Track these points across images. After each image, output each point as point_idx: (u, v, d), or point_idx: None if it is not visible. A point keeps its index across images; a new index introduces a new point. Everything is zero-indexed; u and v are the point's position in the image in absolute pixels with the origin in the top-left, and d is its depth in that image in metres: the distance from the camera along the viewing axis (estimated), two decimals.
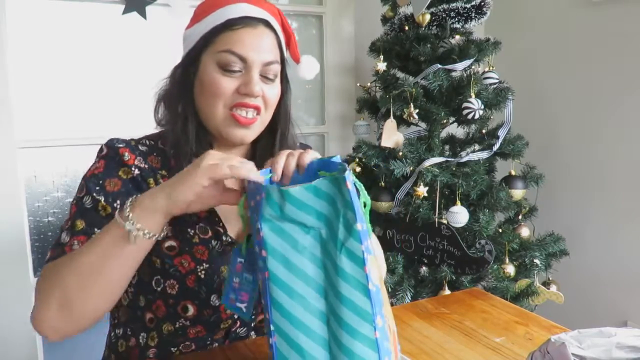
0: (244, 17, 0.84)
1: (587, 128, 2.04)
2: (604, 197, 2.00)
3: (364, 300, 0.58)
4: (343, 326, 0.58)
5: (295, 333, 0.59)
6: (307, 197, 0.60)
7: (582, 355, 0.59)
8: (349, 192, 0.58)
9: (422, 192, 1.66)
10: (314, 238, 0.61)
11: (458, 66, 1.72)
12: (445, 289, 1.68)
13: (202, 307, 0.88)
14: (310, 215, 0.60)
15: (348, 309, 0.58)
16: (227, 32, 0.84)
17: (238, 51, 0.83)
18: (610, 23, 1.92)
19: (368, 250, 0.60)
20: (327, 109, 2.26)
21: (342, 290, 0.58)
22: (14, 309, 1.75)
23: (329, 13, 2.20)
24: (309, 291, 0.60)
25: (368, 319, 0.58)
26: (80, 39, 1.79)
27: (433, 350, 0.89)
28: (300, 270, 0.60)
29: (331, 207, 0.60)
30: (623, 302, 1.96)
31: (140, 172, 0.86)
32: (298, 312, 0.59)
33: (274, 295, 0.60)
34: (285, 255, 0.60)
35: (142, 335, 0.91)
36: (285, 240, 0.61)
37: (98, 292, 0.72)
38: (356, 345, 0.57)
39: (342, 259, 0.58)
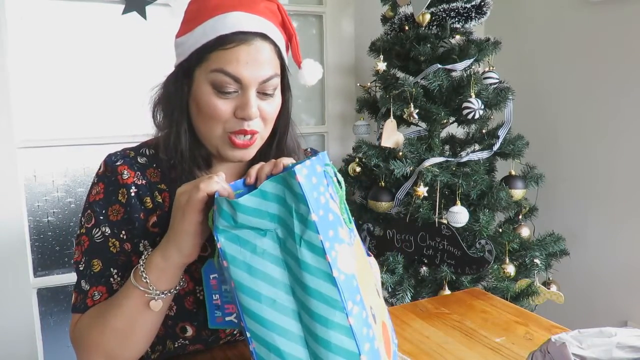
0: (236, 32, 0.77)
1: (587, 128, 2.04)
2: (604, 197, 2.00)
3: (330, 288, 0.58)
4: (315, 318, 0.58)
5: (271, 336, 0.59)
6: (257, 203, 0.60)
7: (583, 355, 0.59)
8: (299, 185, 0.58)
9: (422, 192, 1.66)
10: (272, 239, 0.61)
11: (458, 66, 1.72)
12: (445, 289, 1.68)
13: (201, 329, 0.86)
14: (263, 219, 0.60)
15: (316, 299, 0.58)
16: (219, 50, 0.77)
17: (232, 72, 0.77)
18: (610, 23, 1.92)
19: (335, 239, 0.60)
20: (327, 109, 2.26)
21: (307, 283, 0.58)
22: (14, 309, 1.75)
23: (329, 13, 2.20)
24: (277, 292, 0.60)
25: (338, 307, 0.58)
26: (80, 39, 1.79)
27: (433, 350, 0.89)
28: (264, 273, 0.60)
29: (281, 206, 0.60)
30: (623, 302, 1.96)
31: (138, 191, 0.83)
32: (269, 315, 0.60)
33: (243, 302, 0.60)
34: (246, 261, 0.61)
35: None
36: (243, 247, 0.61)
37: (136, 345, 0.77)
38: (331, 334, 0.58)
39: (303, 252, 0.58)
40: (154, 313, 0.74)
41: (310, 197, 0.58)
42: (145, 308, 0.73)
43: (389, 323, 0.72)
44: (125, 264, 0.81)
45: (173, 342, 0.88)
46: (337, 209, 0.64)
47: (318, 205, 0.59)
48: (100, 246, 0.81)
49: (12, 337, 1.76)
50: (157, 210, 0.84)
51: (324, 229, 0.59)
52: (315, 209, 0.58)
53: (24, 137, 1.74)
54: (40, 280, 1.80)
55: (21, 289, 1.76)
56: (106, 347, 0.75)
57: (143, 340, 0.77)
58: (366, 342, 0.60)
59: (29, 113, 1.75)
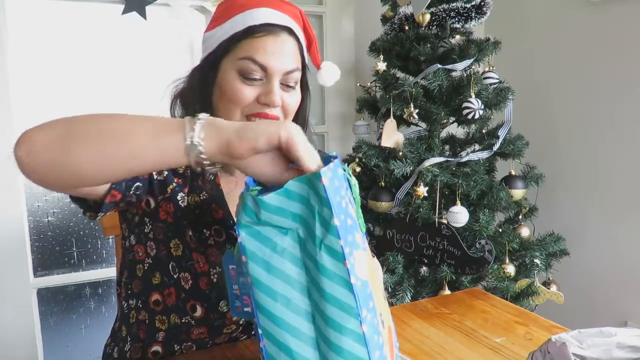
0: (265, 24, 0.82)
1: (587, 128, 2.04)
2: (604, 197, 2.00)
3: (347, 294, 0.57)
4: (329, 323, 0.58)
5: (283, 335, 0.59)
6: (281, 201, 0.60)
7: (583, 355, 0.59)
8: (324, 188, 0.57)
9: (422, 192, 1.66)
10: (292, 239, 0.61)
11: (458, 66, 1.72)
12: (445, 289, 1.68)
13: (210, 310, 0.89)
14: (286, 218, 0.60)
15: (332, 305, 0.57)
16: (248, 40, 0.82)
17: (259, 59, 0.81)
18: (610, 23, 1.92)
19: (353, 244, 0.59)
20: (327, 109, 2.26)
21: (324, 287, 0.58)
22: (14, 309, 1.75)
23: (329, 13, 2.20)
24: (293, 292, 0.60)
25: (353, 314, 0.57)
26: (80, 39, 1.79)
27: (433, 350, 0.89)
28: (282, 272, 0.60)
29: (305, 206, 0.60)
30: (623, 302, 1.96)
31: (165, 178, 0.87)
32: (283, 314, 0.59)
33: (258, 299, 0.60)
34: (265, 258, 0.60)
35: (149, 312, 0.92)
36: (263, 244, 0.61)
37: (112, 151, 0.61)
38: (344, 340, 0.57)
39: (322, 256, 0.58)
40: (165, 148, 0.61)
41: (334, 201, 0.58)
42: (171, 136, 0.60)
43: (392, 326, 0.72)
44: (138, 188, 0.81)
45: (179, 317, 0.89)
46: (355, 213, 0.64)
47: (340, 210, 0.59)
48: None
49: (12, 337, 1.76)
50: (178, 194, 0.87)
51: (344, 234, 0.58)
52: (337, 213, 0.58)
53: None
54: (40, 280, 1.80)
55: (21, 289, 1.76)
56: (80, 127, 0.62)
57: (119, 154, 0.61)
58: (376, 349, 0.59)
59: (29, 113, 1.75)
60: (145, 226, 0.89)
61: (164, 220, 0.87)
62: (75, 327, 1.93)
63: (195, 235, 0.87)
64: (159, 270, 0.90)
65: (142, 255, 0.90)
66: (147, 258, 0.90)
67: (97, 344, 1.00)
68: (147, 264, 0.90)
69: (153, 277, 0.90)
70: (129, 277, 0.94)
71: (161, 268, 0.89)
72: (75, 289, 1.92)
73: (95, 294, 1.95)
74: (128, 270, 0.94)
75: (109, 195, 0.76)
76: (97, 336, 1.93)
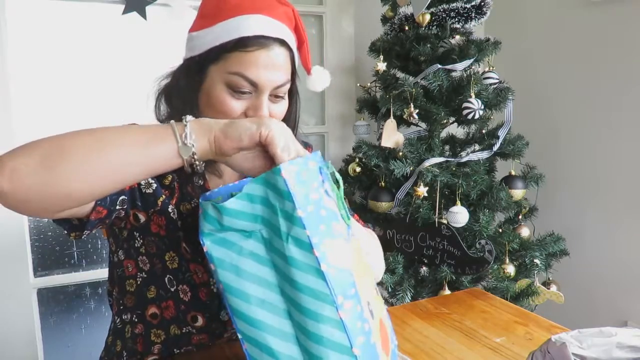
0: (258, 36, 0.78)
1: (587, 128, 2.04)
2: (604, 197, 2.00)
3: (318, 282, 0.58)
4: (305, 313, 0.58)
5: (262, 335, 0.60)
6: (242, 205, 0.60)
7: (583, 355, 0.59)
8: (284, 181, 0.58)
9: (422, 192, 1.66)
10: (256, 240, 0.61)
11: (458, 66, 1.72)
12: (445, 289, 1.68)
13: (211, 320, 0.88)
14: (248, 221, 0.61)
15: (306, 294, 0.58)
16: (239, 53, 0.78)
17: (250, 76, 0.78)
18: (610, 23, 1.92)
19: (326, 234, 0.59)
20: (327, 109, 2.26)
21: (296, 278, 0.58)
22: (14, 309, 1.75)
23: (329, 13, 2.20)
24: (265, 292, 0.60)
25: (328, 300, 0.58)
26: (81, 39, 1.79)
27: (433, 350, 0.89)
28: (251, 274, 0.61)
29: (265, 207, 0.60)
30: (623, 302, 1.96)
31: (155, 190, 0.85)
32: (259, 315, 0.60)
33: (232, 304, 0.61)
34: (233, 263, 0.61)
35: (145, 326, 0.91)
36: (229, 249, 0.61)
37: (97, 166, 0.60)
38: (322, 328, 0.58)
39: (290, 248, 0.58)
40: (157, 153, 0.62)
41: (297, 193, 0.58)
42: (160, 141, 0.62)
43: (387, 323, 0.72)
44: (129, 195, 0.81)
45: (180, 328, 0.89)
46: (334, 205, 0.64)
47: (307, 201, 0.59)
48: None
49: (12, 337, 1.76)
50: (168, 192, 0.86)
51: (313, 224, 0.58)
52: (302, 205, 0.58)
53: (24, 137, 1.74)
54: (40, 280, 1.80)
55: (21, 289, 1.76)
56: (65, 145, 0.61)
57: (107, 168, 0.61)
58: (360, 335, 0.60)
59: (29, 113, 1.75)
60: (135, 241, 0.87)
61: (156, 233, 0.85)
62: (75, 327, 1.93)
63: (190, 246, 0.86)
64: (154, 284, 0.88)
65: (133, 271, 0.89)
66: (140, 273, 0.88)
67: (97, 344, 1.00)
68: (140, 278, 0.89)
69: (148, 292, 0.89)
70: (120, 292, 0.92)
71: (156, 282, 0.88)
72: (75, 289, 1.92)
73: (95, 294, 1.95)
74: (118, 285, 0.92)
75: (94, 212, 0.73)
76: (97, 336, 1.93)
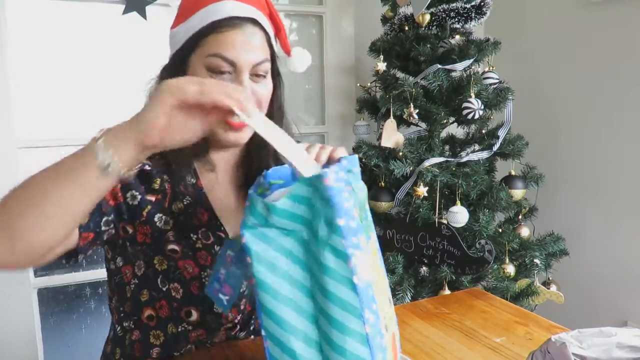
0: (229, 17, 0.81)
1: (587, 128, 2.04)
2: (604, 197, 2.00)
3: (350, 294, 0.57)
4: (332, 323, 0.58)
5: (286, 336, 0.59)
6: (290, 205, 0.60)
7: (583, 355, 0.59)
8: (328, 189, 0.57)
9: (422, 192, 1.66)
10: (296, 241, 0.61)
11: (458, 66, 1.72)
12: (445, 289, 1.68)
13: (206, 313, 0.89)
14: (293, 221, 0.60)
15: (335, 305, 0.57)
16: (213, 35, 0.81)
17: (227, 55, 0.80)
18: (610, 23, 1.92)
19: (357, 246, 0.59)
20: (327, 109, 2.26)
21: (328, 287, 0.58)
22: (14, 309, 1.75)
23: (329, 13, 2.20)
24: (296, 293, 0.60)
25: (356, 314, 0.57)
26: (81, 39, 1.79)
27: (433, 350, 0.89)
28: (286, 273, 0.60)
29: (309, 208, 0.60)
30: (623, 301, 1.96)
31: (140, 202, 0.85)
32: (287, 315, 0.59)
33: (262, 300, 0.60)
34: (270, 259, 0.60)
35: (143, 330, 0.91)
36: (269, 245, 0.61)
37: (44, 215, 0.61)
38: (347, 341, 0.57)
39: (326, 256, 0.58)
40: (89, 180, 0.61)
41: (338, 202, 0.58)
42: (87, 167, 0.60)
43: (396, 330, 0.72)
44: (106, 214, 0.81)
45: (176, 326, 0.89)
46: (358, 216, 0.64)
47: (344, 211, 0.59)
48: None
49: (12, 337, 1.76)
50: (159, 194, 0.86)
51: (348, 235, 0.58)
52: (342, 214, 0.58)
53: (24, 137, 1.74)
54: (40, 280, 1.81)
55: (21, 289, 1.76)
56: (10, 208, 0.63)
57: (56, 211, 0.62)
58: (379, 351, 0.59)
59: (29, 113, 1.75)
60: (128, 249, 0.88)
61: (142, 242, 0.86)
62: (75, 327, 1.93)
63: (182, 241, 0.86)
64: (147, 288, 0.89)
65: (129, 276, 0.90)
66: (134, 278, 0.89)
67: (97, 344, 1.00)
68: (133, 284, 0.90)
69: (141, 295, 0.90)
70: (119, 300, 0.93)
71: (148, 285, 0.89)
72: (75, 289, 1.92)
73: (95, 294, 1.95)
74: (117, 293, 0.93)
75: (80, 239, 0.75)
76: (97, 336, 1.93)
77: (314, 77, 2.25)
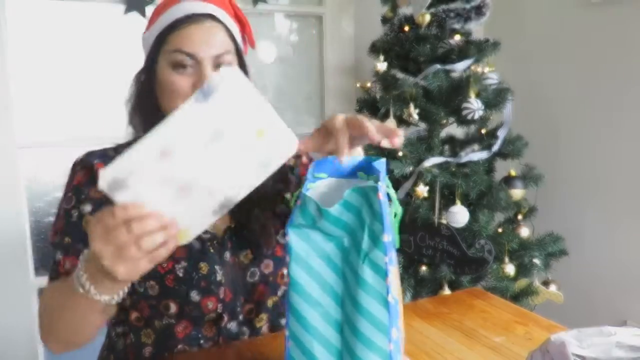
0: (189, 15, 0.85)
1: (587, 128, 2.04)
2: (604, 197, 2.00)
3: (382, 312, 0.57)
4: (358, 336, 0.57)
5: (309, 340, 0.59)
6: (340, 212, 0.59)
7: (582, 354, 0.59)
8: (380, 203, 0.56)
9: (421, 192, 1.66)
10: (336, 246, 0.60)
11: (458, 66, 1.72)
12: (445, 289, 1.68)
13: (184, 304, 0.89)
14: (338, 227, 0.60)
15: (365, 319, 0.57)
16: (174, 32, 0.85)
17: (186, 49, 0.84)
18: (610, 23, 1.92)
19: (391, 261, 0.59)
20: (327, 109, 2.26)
21: (360, 301, 0.57)
22: (15, 309, 1.75)
23: (328, 13, 2.20)
24: (326, 298, 0.59)
25: (384, 331, 0.57)
26: (81, 39, 1.80)
27: (433, 350, 0.89)
28: (321, 277, 0.60)
29: (357, 217, 0.59)
30: (622, 301, 1.96)
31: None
32: (314, 320, 0.59)
33: (292, 301, 0.60)
34: (308, 261, 0.60)
35: (134, 332, 0.92)
36: (309, 245, 0.60)
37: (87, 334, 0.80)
38: (370, 356, 0.57)
39: (365, 270, 0.57)
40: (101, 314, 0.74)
41: (386, 217, 0.57)
42: (92, 312, 0.73)
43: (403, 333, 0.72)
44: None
45: (160, 321, 0.90)
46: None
47: (389, 226, 0.58)
48: (75, 225, 0.87)
49: (12, 337, 1.76)
50: None
51: (389, 251, 0.57)
52: (388, 229, 0.57)
53: (24, 137, 1.74)
54: (40, 280, 1.80)
55: (21, 289, 1.76)
56: (58, 336, 0.81)
57: (94, 330, 0.79)
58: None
59: (29, 113, 1.75)
60: None
61: None
62: None
63: None
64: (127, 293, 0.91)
65: None
66: None
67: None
68: None
69: (123, 301, 0.89)
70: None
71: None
72: None
73: None
74: None
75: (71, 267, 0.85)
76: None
77: (314, 77, 2.25)
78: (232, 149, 0.62)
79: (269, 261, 0.92)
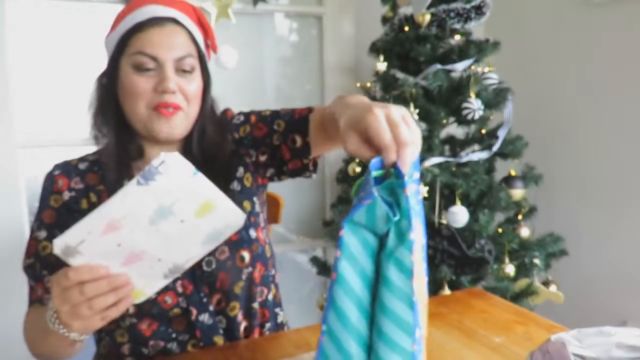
0: (151, 18, 0.87)
1: (587, 128, 2.04)
2: (604, 197, 2.00)
3: (408, 312, 0.55)
4: (381, 337, 0.56)
5: (345, 337, 0.57)
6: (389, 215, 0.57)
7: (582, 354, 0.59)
8: (407, 199, 0.55)
9: (421, 192, 1.66)
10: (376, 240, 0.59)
11: (458, 66, 1.72)
12: (445, 289, 1.68)
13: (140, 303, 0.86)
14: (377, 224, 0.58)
15: (389, 319, 0.55)
16: (137, 35, 0.86)
17: (148, 51, 0.85)
18: (611, 23, 1.92)
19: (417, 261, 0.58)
20: None
21: (385, 301, 0.56)
22: (14, 309, 1.75)
23: (329, 13, 2.20)
24: (365, 293, 0.58)
25: (408, 332, 0.55)
26: (81, 39, 1.80)
27: (433, 350, 0.89)
28: (363, 271, 0.58)
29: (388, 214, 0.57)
30: (622, 301, 1.96)
31: (75, 195, 0.92)
32: (352, 315, 0.57)
33: (335, 296, 0.58)
34: (355, 255, 0.58)
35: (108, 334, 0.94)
36: (359, 242, 0.58)
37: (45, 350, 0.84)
38: (393, 357, 0.55)
39: (390, 268, 0.55)
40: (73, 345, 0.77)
41: (412, 214, 0.55)
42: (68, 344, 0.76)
43: None
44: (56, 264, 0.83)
45: (124, 321, 0.91)
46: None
47: (414, 224, 0.56)
48: (37, 249, 0.92)
49: (12, 337, 1.76)
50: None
51: (414, 250, 0.56)
52: (413, 227, 0.55)
53: (24, 137, 1.74)
54: None
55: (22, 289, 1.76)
56: (41, 353, 0.86)
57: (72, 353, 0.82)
58: None
59: (29, 113, 1.75)
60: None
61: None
62: None
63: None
64: None
65: None
66: None
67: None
68: None
69: None
70: None
71: None
72: None
73: None
74: None
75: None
76: None
77: (314, 77, 2.25)
78: (177, 226, 0.67)
79: (224, 247, 0.91)
